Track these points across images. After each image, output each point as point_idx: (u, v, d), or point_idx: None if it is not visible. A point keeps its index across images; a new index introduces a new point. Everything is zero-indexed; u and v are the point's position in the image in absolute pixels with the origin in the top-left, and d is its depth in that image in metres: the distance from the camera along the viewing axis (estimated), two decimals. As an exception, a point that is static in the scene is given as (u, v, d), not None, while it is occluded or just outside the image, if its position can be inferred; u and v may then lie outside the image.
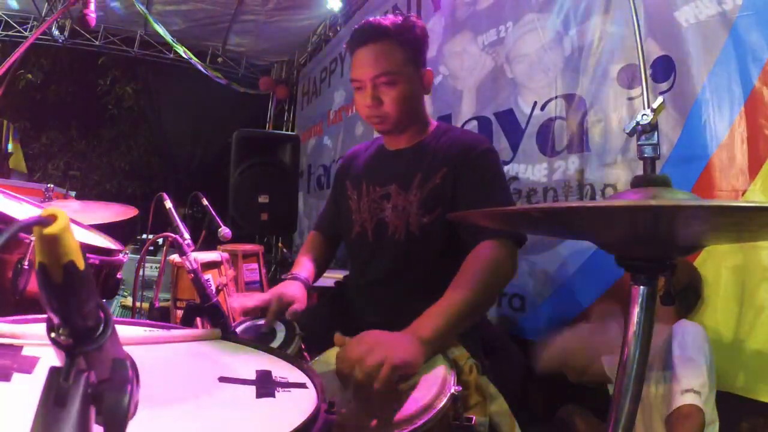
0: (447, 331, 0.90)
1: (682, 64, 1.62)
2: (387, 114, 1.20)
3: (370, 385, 0.74)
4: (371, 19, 1.22)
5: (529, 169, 2.15)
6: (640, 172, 0.74)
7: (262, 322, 1.12)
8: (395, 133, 1.28)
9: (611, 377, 1.53)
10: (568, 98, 2.03)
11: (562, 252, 1.98)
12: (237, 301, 1.12)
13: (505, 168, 2.22)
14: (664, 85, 1.67)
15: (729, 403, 1.35)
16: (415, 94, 1.23)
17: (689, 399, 1.20)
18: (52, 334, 0.31)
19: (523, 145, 2.20)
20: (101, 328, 0.32)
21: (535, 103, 2.16)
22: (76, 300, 0.30)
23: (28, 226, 0.27)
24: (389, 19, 1.20)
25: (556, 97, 2.08)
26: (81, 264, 0.30)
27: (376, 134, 1.39)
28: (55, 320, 0.31)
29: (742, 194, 1.44)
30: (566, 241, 1.95)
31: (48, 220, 0.27)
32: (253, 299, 1.12)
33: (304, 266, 1.32)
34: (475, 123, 2.48)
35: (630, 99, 1.80)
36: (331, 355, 0.90)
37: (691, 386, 1.21)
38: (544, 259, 2.03)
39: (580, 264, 1.89)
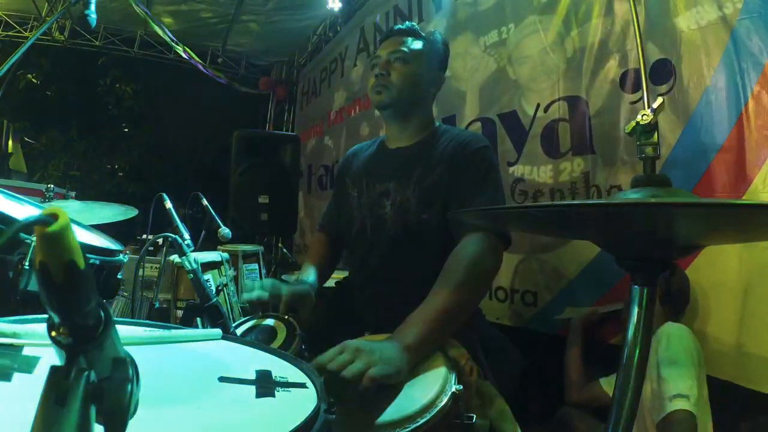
0: (431, 336, 0.90)
1: (683, 68, 1.63)
2: (391, 84, 1.26)
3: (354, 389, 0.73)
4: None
5: (535, 171, 2.16)
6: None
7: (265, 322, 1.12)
8: (391, 112, 1.31)
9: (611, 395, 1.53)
10: (571, 100, 2.04)
11: (571, 250, 1.99)
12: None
13: (511, 169, 2.23)
14: (663, 88, 1.68)
15: (729, 399, 1.35)
16: (423, 80, 1.29)
17: (679, 404, 1.20)
18: (53, 333, 0.31)
19: (527, 147, 2.21)
20: (101, 327, 0.32)
21: (538, 104, 2.17)
22: (77, 299, 0.30)
23: (29, 225, 0.27)
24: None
25: (558, 99, 2.08)
26: (81, 263, 0.30)
27: (381, 134, 1.41)
28: (56, 319, 0.31)
29: (742, 197, 1.45)
30: (574, 241, 1.95)
31: (49, 219, 0.27)
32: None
33: (309, 272, 1.34)
34: (479, 124, 2.49)
35: (632, 103, 1.80)
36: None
37: (679, 391, 1.21)
38: (554, 256, 2.06)
39: (588, 261, 1.91)
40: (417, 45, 1.29)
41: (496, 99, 2.41)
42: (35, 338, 0.59)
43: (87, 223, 1.31)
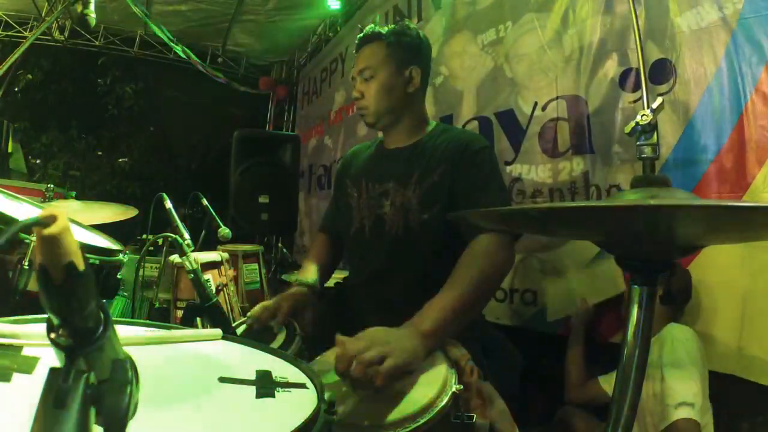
0: (447, 326, 0.92)
1: (683, 68, 1.63)
2: (366, 106, 1.29)
3: (369, 381, 0.74)
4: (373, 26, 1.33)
5: (533, 170, 2.16)
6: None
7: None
8: (380, 126, 1.33)
9: (609, 393, 1.53)
10: (569, 99, 2.03)
11: (571, 249, 1.99)
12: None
13: (508, 168, 2.22)
14: (663, 87, 1.68)
15: (730, 392, 1.35)
16: (395, 86, 1.28)
17: (683, 413, 1.19)
18: (52, 335, 0.31)
19: (525, 146, 2.20)
20: (101, 329, 0.32)
21: (536, 103, 2.16)
22: (76, 301, 0.30)
23: (27, 227, 0.27)
24: (387, 27, 1.30)
25: (557, 98, 2.08)
26: (81, 264, 0.30)
27: (379, 134, 1.42)
28: (55, 321, 0.31)
29: (742, 197, 1.45)
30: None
31: (48, 220, 0.27)
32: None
33: (310, 271, 1.34)
34: (476, 123, 2.48)
35: (632, 102, 1.80)
36: (331, 355, 0.90)
37: (684, 399, 1.20)
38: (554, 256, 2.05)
39: (589, 261, 1.90)
40: (379, 53, 1.27)
41: (493, 97, 2.40)
42: (35, 338, 0.59)
43: (87, 223, 1.31)
